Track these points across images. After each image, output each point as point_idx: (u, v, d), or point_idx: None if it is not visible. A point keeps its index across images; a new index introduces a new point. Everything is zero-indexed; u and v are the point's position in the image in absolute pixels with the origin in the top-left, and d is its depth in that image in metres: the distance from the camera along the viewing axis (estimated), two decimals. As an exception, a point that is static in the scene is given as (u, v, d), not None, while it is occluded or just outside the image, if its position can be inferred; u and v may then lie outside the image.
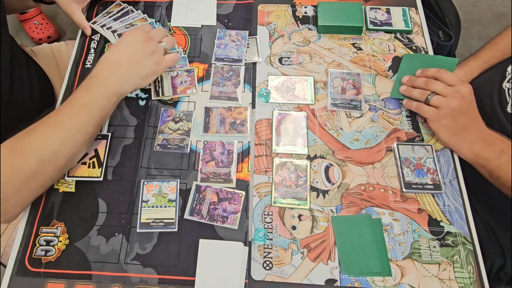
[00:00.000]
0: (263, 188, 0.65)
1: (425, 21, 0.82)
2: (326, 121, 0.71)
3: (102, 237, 0.61)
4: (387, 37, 0.80)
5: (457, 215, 0.63)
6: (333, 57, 0.78)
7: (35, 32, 1.64)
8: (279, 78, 0.76)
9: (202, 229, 0.62)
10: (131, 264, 0.59)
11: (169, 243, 0.61)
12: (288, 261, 0.60)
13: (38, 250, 0.60)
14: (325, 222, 0.63)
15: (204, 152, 0.68)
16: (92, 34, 0.82)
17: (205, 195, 0.64)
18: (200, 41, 0.80)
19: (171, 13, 0.84)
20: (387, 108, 0.73)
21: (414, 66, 0.73)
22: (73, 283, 0.58)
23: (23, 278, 0.58)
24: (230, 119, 0.71)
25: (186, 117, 0.71)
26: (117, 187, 0.65)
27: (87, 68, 0.77)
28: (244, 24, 0.82)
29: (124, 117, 0.72)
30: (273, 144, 0.69)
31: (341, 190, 0.65)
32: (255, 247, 0.61)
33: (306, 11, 0.84)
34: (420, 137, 0.70)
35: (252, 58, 0.78)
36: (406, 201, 0.64)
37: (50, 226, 0.62)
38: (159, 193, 0.64)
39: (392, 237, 0.61)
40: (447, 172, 0.67)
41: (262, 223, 0.63)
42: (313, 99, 0.73)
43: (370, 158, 0.68)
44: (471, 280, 0.58)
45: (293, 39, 0.81)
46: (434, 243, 0.61)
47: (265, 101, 0.73)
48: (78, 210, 0.63)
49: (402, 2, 0.85)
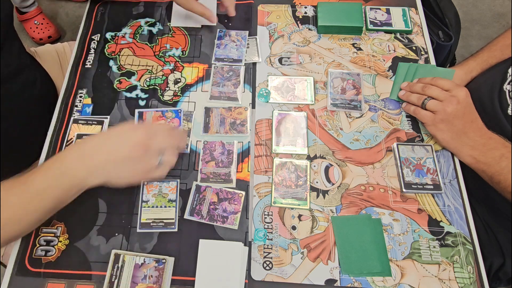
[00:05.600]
0: (263, 188, 0.65)
1: (425, 21, 0.83)
2: (326, 121, 0.71)
3: (102, 237, 0.61)
4: (387, 37, 0.80)
5: (457, 215, 0.63)
6: (333, 57, 0.78)
7: (35, 32, 1.64)
8: (279, 78, 0.76)
9: (202, 229, 0.62)
10: (131, 264, 0.59)
11: (169, 243, 0.61)
12: (288, 261, 0.60)
13: (38, 250, 0.60)
14: (325, 222, 0.63)
15: (204, 152, 0.68)
16: (92, 34, 0.82)
17: (205, 195, 0.64)
18: (200, 41, 0.80)
19: (171, 13, 0.84)
20: (387, 108, 0.73)
21: (411, 77, 0.74)
22: (73, 283, 0.58)
23: (23, 278, 0.58)
24: (230, 119, 0.71)
25: (186, 117, 0.71)
26: (117, 187, 0.65)
27: (87, 68, 0.77)
28: (244, 24, 0.82)
29: (124, 117, 0.72)
30: (273, 144, 0.69)
31: (341, 190, 0.65)
32: (255, 247, 0.61)
33: (306, 11, 0.84)
34: (420, 137, 0.70)
35: (252, 58, 0.78)
36: (406, 201, 0.64)
37: (50, 226, 0.62)
38: (159, 193, 0.64)
39: (392, 237, 0.61)
40: (447, 172, 0.67)
41: (262, 223, 0.63)
42: (313, 99, 0.73)
43: (370, 158, 0.68)
44: (471, 280, 0.58)
45: (293, 39, 0.81)
46: (434, 243, 0.61)
47: (265, 101, 0.73)
48: (78, 210, 0.63)
49: (402, 2, 0.85)
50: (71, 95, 0.74)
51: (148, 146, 0.56)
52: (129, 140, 0.55)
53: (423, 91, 0.68)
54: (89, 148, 0.55)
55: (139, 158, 0.55)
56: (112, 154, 0.55)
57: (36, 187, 0.53)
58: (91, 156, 0.54)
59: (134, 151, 0.55)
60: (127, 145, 0.55)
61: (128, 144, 0.55)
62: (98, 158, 0.54)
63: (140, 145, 0.55)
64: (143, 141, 0.55)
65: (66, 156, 0.55)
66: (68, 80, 0.76)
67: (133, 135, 0.56)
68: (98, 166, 0.55)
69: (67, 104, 0.73)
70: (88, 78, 0.76)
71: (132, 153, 0.55)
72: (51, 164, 0.54)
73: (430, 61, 0.78)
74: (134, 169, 0.56)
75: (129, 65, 0.78)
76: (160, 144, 0.57)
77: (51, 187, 0.53)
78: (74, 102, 0.73)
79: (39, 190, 0.53)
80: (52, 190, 0.54)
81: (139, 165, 0.56)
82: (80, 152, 0.55)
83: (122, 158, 0.55)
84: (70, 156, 0.55)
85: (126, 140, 0.55)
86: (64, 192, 0.55)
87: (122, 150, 0.55)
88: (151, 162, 0.57)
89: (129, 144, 0.55)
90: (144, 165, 0.56)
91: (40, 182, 0.53)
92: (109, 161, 0.55)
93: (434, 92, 0.66)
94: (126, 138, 0.56)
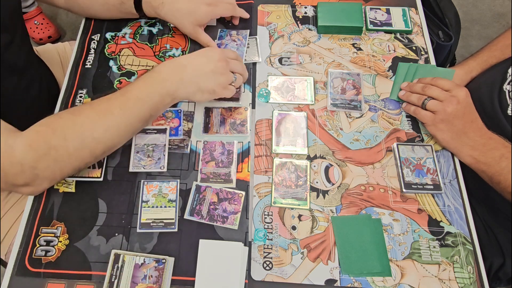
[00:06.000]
0: (263, 188, 0.65)
1: (425, 21, 0.83)
2: (326, 121, 0.71)
3: (102, 237, 0.61)
4: (387, 37, 0.80)
5: (457, 215, 0.63)
6: (333, 57, 0.78)
7: (35, 32, 1.64)
8: (279, 78, 0.76)
9: (202, 229, 0.62)
10: (131, 264, 0.59)
11: (169, 243, 0.61)
12: (288, 261, 0.60)
13: (38, 250, 0.60)
14: (325, 222, 0.63)
15: (204, 152, 0.68)
16: (92, 34, 0.82)
17: (205, 195, 0.64)
18: (200, 41, 0.80)
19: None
20: (387, 108, 0.73)
21: (411, 77, 0.74)
22: (73, 283, 0.58)
23: (23, 278, 0.58)
24: (230, 119, 0.71)
25: (186, 117, 0.71)
26: (117, 187, 0.65)
27: (87, 68, 0.77)
28: (244, 24, 0.82)
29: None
30: (273, 144, 0.69)
31: (341, 190, 0.65)
32: (255, 247, 0.61)
33: (306, 11, 0.84)
34: (420, 137, 0.70)
35: (252, 58, 0.78)
36: (406, 201, 0.64)
37: (50, 226, 0.62)
38: (159, 193, 0.64)
39: (392, 237, 0.61)
40: (447, 172, 0.67)
41: (262, 223, 0.63)
42: (313, 99, 0.73)
43: (370, 158, 0.68)
44: (471, 280, 0.58)
45: (293, 39, 0.81)
46: (434, 243, 0.61)
47: (265, 101, 0.73)
48: (78, 210, 0.63)
49: (402, 2, 0.85)
50: (71, 95, 0.74)
51: (227, 62, 0.66)
52: (213, 56, 0.65)
53: (423, 91, 0.68)
54: (182, 62, 0.64)
55: (222, 71, 0.65)
56: (201, 67, 0.64)
57: (135, 94, 0.60)
58: (185, 67, 0.63)
59: (219, 65, 0.65)
60: (213, 59, 0.65)
61: (213, 59, 0.65)
62: (190, 70, 0.63)
63: (223, 60, 0.65)
64: (224, 58, 0.66)
65: (163, 68, 0.63)
66: (68, 80, 0.76)
67: (215, 53, 0.66)
68: (190, 76, 0.63)
69: (67, 104, 0.73)
70: (88, 78, 0.76)
71: (218, 66, 0.64)
72: (148, 75, 0.63)
73: (430, 61, 0.78)
74: (217, 82, 0.65)
75: (129, 65, 0.78)
76: (236, 63, 0.68)
77: (150, 95, 0.61)
78: (74, 102, 0.73)
79: (139, 97, 0.60)
80: (151, 97, 0.61)
81: (221, 78, 0.65)
82: (175, 65, 0.64)
83: (209, 70, 0.64)
84: (166, 68, 0.63)
85: (211, 57, 0.65)
86: (161, 99, 0.62)
87: (209, 64, 0.64)
88: (230, 77, 0.66)
89: (214, 59, 0.65)
90: (225, 78, 0.66)
91: (140, 90, 0.61)
92: (199, 72, 0.64)
93: (434, 92, 0.66)
94: (211, 56, 0.65)
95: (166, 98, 0.62)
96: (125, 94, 0.60)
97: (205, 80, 0.64)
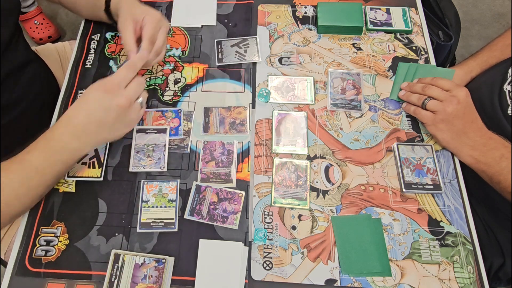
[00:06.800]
0: (263, 188, 0.65)
1: (425, 21, 0.83)
2: (326, 121, 0.71)
3: (102, 237, 0.61)
4: (387, 37, 0.80)
5: (457, 215, 0.63)
6: (333, 57, 0.78)
7: (35, 32, 1.64)
8: (279, 78, 0.76)
9: (202, 229, 0.62)
10: (131, 264, 0.59)
11: (169, 243, 0.61)
12: (288, 261, 0.60)
13: (38, 250, 0.60)
14: (325, 222, 0.63)
15: (204, 152, 0.68)
16: (92, 34, 0.82)
17: (205, 195, 0.64)
18: (200, 41, 0.80)
19: (171, 13, 0.84)
20: (387, 108, 0.73)
21: (411, 77, 0.74)
22: (73, 283, 0.58)
23: (23, 278, 0.58)
24: (229, 119, 0.71)
25: (186, 117, 0.71)
26: (117, 187, 0.65)
27: (87, 68, 0.77)
28: (244, 24, 0.82)
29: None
30: (273, 144, 0.69)
31: (341, 190, 0.65)
32: (255, 247, 0.61)
33: (306, 11, 0.84)
34: (420, 137, 0.70)
35: (252, 58, 0.78)
36: (406, 201, 0.64)
37: (50, 226, 0.62)
38: (159, 193, 0.64)
39: (392, 237, 0.61)
40: (447, 172, 0.67)
41: (262, 223, 0.63)
42: (313, 99, 0.73)
43: (370, 158, 0.68)
44: (471, 280, 0.58)
45: (293, 39, 0.81)
46: (434, 243, 0.61)
47: (265, 101, 0.73)
48: (78, 210, 0.63)
49: (402, 2, 0.85)
50: (71, 95, 0.74)
51: (126, 97, 0.59)
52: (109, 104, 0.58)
53: (423, 91, 0.68)
54: (79, 122, 0.57)
55: (125, 112, 0.59)
56: (103, 121, 0.58)
57: (35, 165, 0.56)
58: (85, 129, 0.57)
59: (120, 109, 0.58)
60: (111, 107, 0.58)
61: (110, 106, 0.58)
62: (93, 129, 0.58)
63: (120, 100, 0.58)
64: (120, 95, 0.58)
65: (61, 136, 0.57)
66: (68, 80, 0.76)
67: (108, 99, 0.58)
68: (95, 135, 0.58)
69: (67, 104, 0.73)
70: (88, 78, 0.76)
71: (119, 112, 0.58)
72: (46, 143, 0.57)
73: (430, 61, 0.78)
74: (124, 123, 0.61)
75: (129, 65, 0.77)
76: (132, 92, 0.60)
77: (51, 164, 0.57)
78: (74, 102, 0.73)
79: (39, 168, 0.56)
80: (52, 166, 0.57)
81: (127, 117, 0.60)
82: (73, 129, 0.57)
83: (112, 120, 0.58)
84: (64, 137, 0.57)
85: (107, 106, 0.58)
86: (64, 165, 0.59)
87: (109, 113, 0.58)
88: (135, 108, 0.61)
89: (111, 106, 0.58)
90: (131, 114, 0.60)
91: (38, 160, 0.56)
92: (103, 128, 0.58)
93: (434, 92, 0.66)
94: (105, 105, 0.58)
95: (69, 162, 0.59)
96: (23, 164, 0.56)
97: (112, 132, 0.60)
